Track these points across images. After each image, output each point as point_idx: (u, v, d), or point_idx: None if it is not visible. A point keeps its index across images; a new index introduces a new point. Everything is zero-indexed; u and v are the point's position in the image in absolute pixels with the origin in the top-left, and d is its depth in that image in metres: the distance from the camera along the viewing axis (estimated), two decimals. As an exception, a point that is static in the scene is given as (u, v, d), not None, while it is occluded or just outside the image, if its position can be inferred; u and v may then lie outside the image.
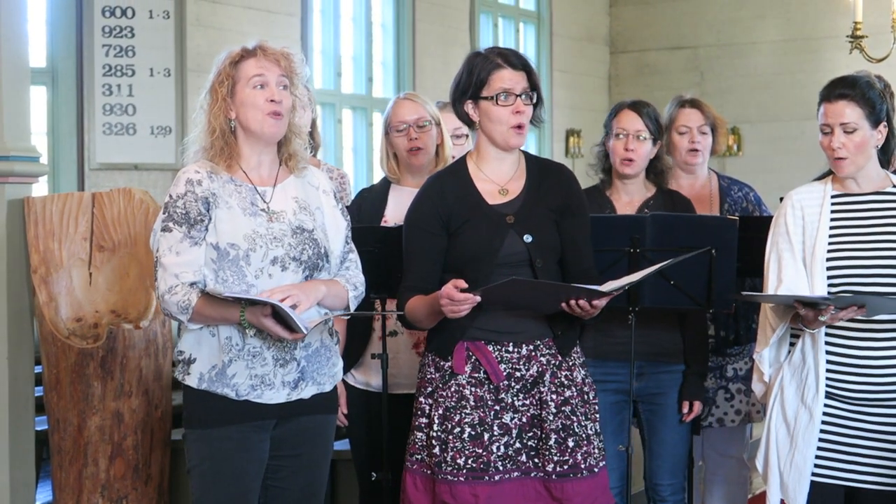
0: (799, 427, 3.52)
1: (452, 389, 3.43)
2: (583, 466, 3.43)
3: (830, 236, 3.51)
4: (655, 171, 4.19)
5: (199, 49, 7.66)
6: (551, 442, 3.41)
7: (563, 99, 11.00)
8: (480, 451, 3.38)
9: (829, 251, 3.49)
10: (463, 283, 3.26)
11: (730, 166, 10.41)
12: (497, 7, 10.53)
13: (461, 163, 3.58)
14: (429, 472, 3.44)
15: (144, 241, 4.58)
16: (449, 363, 3.44)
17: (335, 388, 3.48)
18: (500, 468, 3.39)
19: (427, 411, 3.47)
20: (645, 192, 4.18)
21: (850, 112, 3.46)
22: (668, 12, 11.37)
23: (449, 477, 3.38)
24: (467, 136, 4.32)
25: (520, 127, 3.46)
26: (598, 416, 3.53)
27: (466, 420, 3.40)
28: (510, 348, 3.44)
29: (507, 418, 3.42)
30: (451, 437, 3.39)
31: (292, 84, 3.36)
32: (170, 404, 4.70)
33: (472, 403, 3.41)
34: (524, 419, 3.43)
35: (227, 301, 3.20)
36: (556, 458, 3.41)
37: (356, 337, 4.08)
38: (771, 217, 3.74)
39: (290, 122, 3.38)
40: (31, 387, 4.74)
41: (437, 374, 3.47)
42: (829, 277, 3.47)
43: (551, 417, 3.42)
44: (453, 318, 3.31)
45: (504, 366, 3.43)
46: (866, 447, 3.50)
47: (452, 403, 3.42)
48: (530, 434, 3.43)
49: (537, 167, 3.58)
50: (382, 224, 4.07)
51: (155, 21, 7.58)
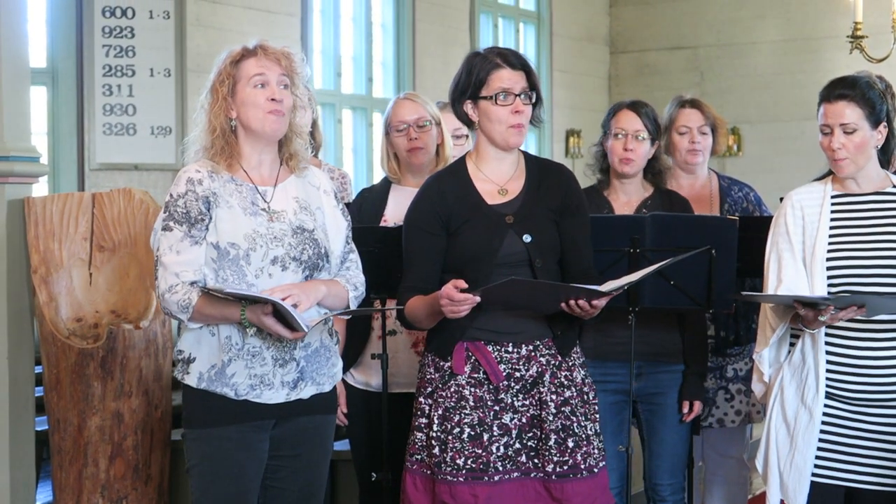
0: (799, 427, 3.51)
1: (452, 390, 3.43)
2: (582, 467, 3.43)
3: (830, 236, 3.51)
4: (653, 171, 4.20)
5: (199, 49, 7.66)
6: (551, 442, 3.41)
7: (563, 99, 10.99)
8: (480, 451, 3.38)
9: (829, 251, 3.49)
10: (463, 284, 3.26)
11: (730, 166, 10.41)
12: (497, 7, 10.52)
13: (460, 163, 3.58)
14: (428, 472, 3.44)
15: (144, 241, 4.58)
16: (448, 363, 3.44)
17: (334, 388, 3.47)
18: (500, 468, 3.39)
19: (427, 411, 3.47)
20: (643, 192, 4.18)
21: (849, 112, 3.45)
22: (668, 12, 11.37)
23: (448, 477, 3.38)
24: (467, 136, 4.31)
25: (519, 126, 3.46)
26: (597, 416, 3.53)
27: (466, 420, 3.40)
28: (510, 348, 3.44)
29: (506, 419, 3.42)
30: (450, 437, 3.39)
31: (293, 83, 3.36)
32: (170, 404, 4.69)
33: (472, 404, 3.41)
34: (524, 419, 3.43)
35: (228, 300, 3.20)
36: (555, 459, 3.41)
37: (355, 336, 4.08)
38: (771, 217, 3.73)
39: (291, 122, 3.37)
40: (31, 387, 4.73)
41: (437, 375, 3.47)
42: (828, 277, 3.47)
43: (551, 418, 3.41)
44: (453, 318, 3.30)
45: (504, 366, 3.43)
46: (866, 447, 3.49)
47: (452, 404, 3.42)
48: (530, 434, 3.43)
49: (537, 167, 3.57)
50: (382, 224, 4.07)
51: (155, 21, 7.57)
